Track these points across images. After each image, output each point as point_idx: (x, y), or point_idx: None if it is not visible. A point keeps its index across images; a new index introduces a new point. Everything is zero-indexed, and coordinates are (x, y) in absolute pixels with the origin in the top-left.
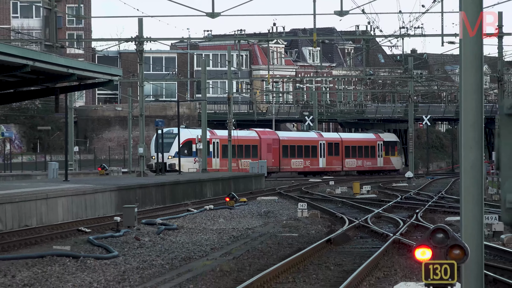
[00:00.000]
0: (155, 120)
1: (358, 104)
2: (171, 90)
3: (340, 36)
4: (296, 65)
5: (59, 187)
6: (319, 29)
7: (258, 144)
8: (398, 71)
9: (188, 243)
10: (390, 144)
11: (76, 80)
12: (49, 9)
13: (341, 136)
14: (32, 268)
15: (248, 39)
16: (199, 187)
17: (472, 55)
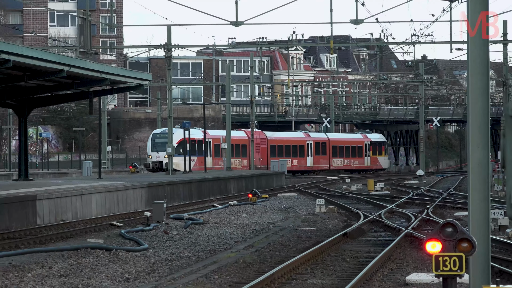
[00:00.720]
0: (183, 122)
1: (372, 107)
2: (198, 94)
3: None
4: (314, 70)
5: (93, 184)
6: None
7: (247, 144)
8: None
9: (214, 236)
10: (378, 144)
11: (109, 84)
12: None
13: (328, 136)
14: (68, 260)
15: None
16: (223, 184)
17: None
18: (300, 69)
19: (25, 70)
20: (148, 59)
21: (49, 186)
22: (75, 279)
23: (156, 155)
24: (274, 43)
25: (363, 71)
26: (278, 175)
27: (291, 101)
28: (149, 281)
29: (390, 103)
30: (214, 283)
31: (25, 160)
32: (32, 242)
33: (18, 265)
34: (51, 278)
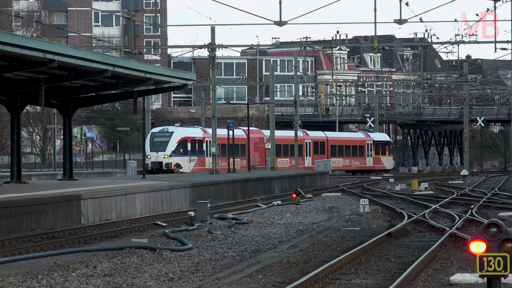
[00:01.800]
0: (226, 121)
1: (416, 107)
2: (241, 93)
3: (399, 43)
4: (358, 70)
5: (137, 183)
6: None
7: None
8: (453, 75)
9: (257, 236)
10: (381, 144)
11: (153, 84)
12: (128, 18)
13: (327, 135)
14: (112, 260)
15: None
16: (267, 184)
17: None
18: (344, 69)
19: (70, 70)
20: (192, 59)
21: (94, 186)
22: (120, 279)
23: (155, 155)
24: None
25: (407, 70)
26: (322, 175)
27: (335, 101)
28: (193, 281)
29: (434, 103)
30: (258, 283)
31: (69, 160)
32: (77, 242)
33: (63, 264)
34: (96, 277)
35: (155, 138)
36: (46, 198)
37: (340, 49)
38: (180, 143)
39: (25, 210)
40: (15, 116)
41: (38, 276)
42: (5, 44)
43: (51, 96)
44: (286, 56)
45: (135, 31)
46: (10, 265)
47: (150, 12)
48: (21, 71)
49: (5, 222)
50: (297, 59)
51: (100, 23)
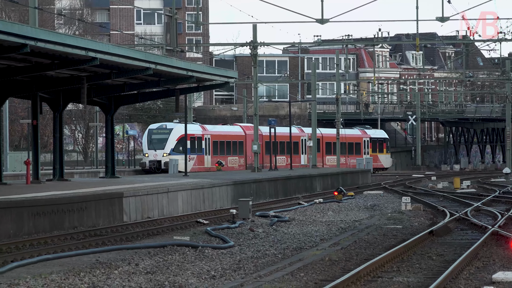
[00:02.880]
0: (268, 119)
1: (458, 104)
2: (283, 91)
3: (441, 40)
4: (400, 67)
5: (179, 181)
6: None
7: (244, 140)
8: (496, 73)
9: (299, 234)
10: (378, 141)
11: (195, 82)
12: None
13: (322, 132)
14: (154, 257)
15: (355, 44)
16: (309, 182)
17: None
18: (386, 67)
19: (112, 68)
20: (234, 56)
21: (136, 184)
22: (161, 276)
23: (153, 153)
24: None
25: (449, 68)
26: (364, 173)
27: (377, 99)
28: (235, 279)
29: (476, 100)
30: (299, 281)
31: (111, 158)
32: (119, 239)
33: (105, 262)
34: (138, 275)
35: (153, 135)
36: (89, 196)
37: (382, 46)
38: (179, 140)
39: (67, 207)
40: (57, 114)
41: (80, 273)
42: (48, 42)
43: (93, 93)
44: (328, 54)
45: (177, 29)
46: (52, 262)
47: (192, 10)
48: (63, 69)
49: (48, 219)
50: (339, 57)
51: (142, 21)
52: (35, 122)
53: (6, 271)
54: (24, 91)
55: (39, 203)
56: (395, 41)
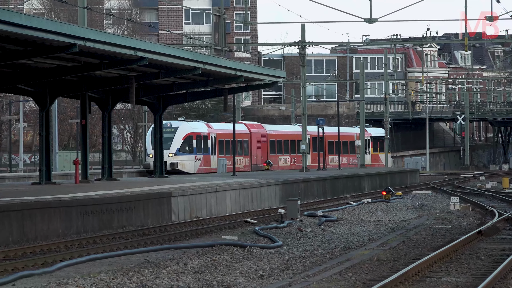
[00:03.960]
0: (316, 119)
1: (507, 104)
2: (331, 91)
3: (490, 40)
4: (448, 67)
5: (228, 181)
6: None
7: (249, 139)
8: None
9: (347, 234)
10: (379, 140)
11: (243, 82)
12: (218, 15)
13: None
14: (203, 257)
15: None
16: (357, 182)
17: None
18: (434, 66)
19: (160, 67)
20: (282, 56)
21: (184, 183)
22: (210, 276)
23: None
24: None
25: (498, 68)
26: (412, 173)
27: (425, 98)
28: (283, 278)
29: None
30: (347, 281)
31: (160, 157)
32: (167, 239)
33: (153, 261)
34: (186, 274)
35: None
36: (137, 195)
37: (431, 46)
38: (185, 139)
39: (116, 207)
40: (106, 113)
41: (129, 273)
42: (97, 42)
43: (141, 93)
44: (376, 53)
45: (225, 28)
46: (101, 261)
47: (241, 10)
48: (112, 69)
49: (97, 219)
50: (387, 57)
51: (190, 21)
52: (84, 121)
53: (55, 270)
54: (73, 91)
55: (88, 202)
56: (443, 40)
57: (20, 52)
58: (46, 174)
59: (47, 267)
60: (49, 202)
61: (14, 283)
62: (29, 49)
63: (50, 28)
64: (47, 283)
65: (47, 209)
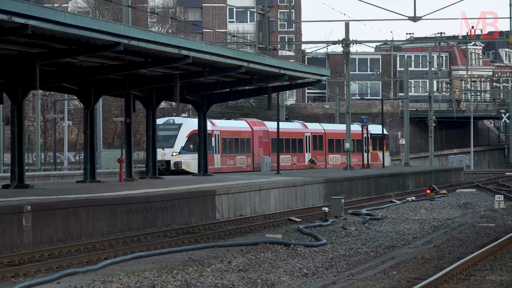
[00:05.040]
0: (360, 117)
1: None
2: (375, 89)
3: None
4: (493, 65)
5: (272, 179)
6: None
7: (251, 137)
8: None
9: (392, 232)
10: (378, 138)
11: (287, 80)
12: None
13: (324, 127)
14: (247, 255)
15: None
16: (401, 180)
17: None
18: (479, 65)
19: (204, 66)
20: (326, 54)
21: (228, 182)
22: (254, 274)
23: (161, 152)
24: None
25: None
26: (457, 171)
27: (470, 97)
28: (327, 276)
29: None
30: (392, 279)
31: (204, 155)
32: (211, 237)
33: (198, 259)
34: (230, 272)
35: (159, 132)
36: (181, 194)
37: (475, 44)
38: (190, 137)
39: (160, 205)
40: (150, 111)
41: (173, 271)
42: (141, 40)
43: (186, 91)
44: (421, 51)
45: (269, 27)
46: (145, 260)
47: (285, 8)
48: (156, 67)
49: (141, 217)
50: (432, 55)
51: (234, 19)
52: (128, 120)
53: (100, 268)
54: (117, 89)
55: (132, 200)
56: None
57: (65, 50)
58: (91, 172)
59: (91, 265)
60: (94, 200)
61: (59, 281)
62: (74, 47)
63: (95, 27)
64: (91, 281)
65: (91, 207)
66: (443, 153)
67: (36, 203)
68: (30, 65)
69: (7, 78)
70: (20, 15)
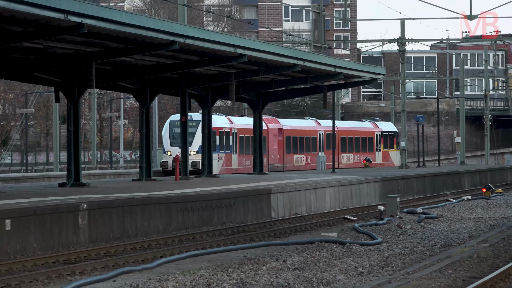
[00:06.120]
0: (416, 116)
1: None
2: (431, 88)
3: None
4: None
5: (327, 178)
6: None
7: (266, 136)
8: None
9: (447, 231)
10: (389, 136)
11: (343, 79)
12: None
13: (337, 125)
14: (302, 253)
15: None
16: (457, 179)
17: None
18: None
19: (260, 64)
20: (382, 53)
21: (283, 180)
22: (309, 273)
23: (178, 151)
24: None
25: None
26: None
27: None
28: (383, 275)
29: None
30: (447, 278)
31: (259, 154)
32: (267, 235)
33: (253, 258)
34: (285, 271)
35: (175, 129)
36: (237, 192)
37: None
38: None
39: (216, 204)
40: (206, 110)
41: (229, 269)
42: (196, 39)
43: (241, 90)
44: (476, 50)
45: (324, 25)
46: (201, 258)
47: (340, 7)
48: (211, 66)
49: (196, 216)
50: (487, 53)
51: (290, 18)
52: (184, 118)
53: (156, 266)
54: (173, 88)
55: (187, 199)
56: None
57: (121, 49)
58: (147, 171)
59: (147, 263)
60: (150, 198)
61: (115, 279)
62: (130, 46)
63: (151, 26)
64: (147, 279)
65: (147, 205)
66: (499, 151)
67: (92, 202)
68: (86, 64)
69: (63, 77)
70: (76, 14)
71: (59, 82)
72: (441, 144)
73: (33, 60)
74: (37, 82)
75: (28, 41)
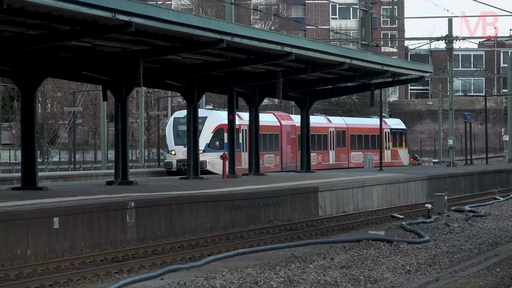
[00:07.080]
0: (463, 114)
1: None
2: (479, 86)
3: None
4: None
5: (374, 176)
6: None
7: (279, 133)
8: None
9: (495, 229)
10: (398, 133)
11: (390, 77)
12: (365, 10)
13: (346, 121)
14: (349, 252)
15: None
16: (505, 176)
17: None
18: None
19: (307, 62)
20: (429, 51)
21: (331, 178)
22: (356, 271)
23: (182, 150)
24: None
25: None
26: None
27: None
28: (430, 273)
29: None
30: (495, 276)
31: (307, 152)
32: (314, 234)
33: (300, 256)
34: (333, 269)
35: (179, 126)
36: (284, 190)
37: None
38: (216, 133)
39: (263, 202)
40: (253, 108)
41: (276, 267)
42: (244, 37)
43: (288, 88)
44: None
45: (372, 23)
46: (248, 256)
47: (388, 5)
48: (258, 64)
49: (244, 214)
50: None
51: (337, 16)
52: (232, 117)
53: (203, 264)
54: (220, 86)
55: (235, 197)
56: None
57: (168, 48)
58: (194, 169)
59: (195, 261)
60: (197, 196)
61: (163, 277)
62: (177, 44)
63: (198, 24)
64: (195, 277)
65: (195, 203)
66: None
67: (140, 200)
68: (133, 62)
69: (111, 75)
70: (124, 13)
71: (106, 81)
72: (489, 142)
73: (81, 59)
74: (85, 81)
75: (76, 40)
